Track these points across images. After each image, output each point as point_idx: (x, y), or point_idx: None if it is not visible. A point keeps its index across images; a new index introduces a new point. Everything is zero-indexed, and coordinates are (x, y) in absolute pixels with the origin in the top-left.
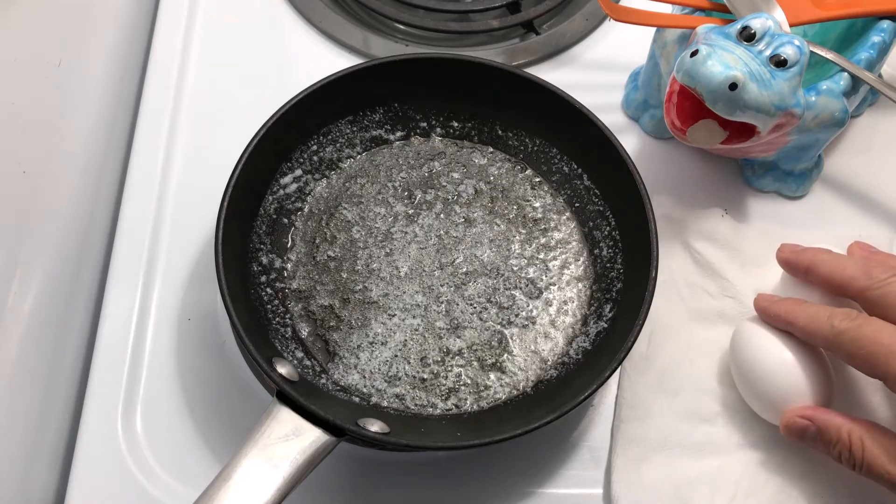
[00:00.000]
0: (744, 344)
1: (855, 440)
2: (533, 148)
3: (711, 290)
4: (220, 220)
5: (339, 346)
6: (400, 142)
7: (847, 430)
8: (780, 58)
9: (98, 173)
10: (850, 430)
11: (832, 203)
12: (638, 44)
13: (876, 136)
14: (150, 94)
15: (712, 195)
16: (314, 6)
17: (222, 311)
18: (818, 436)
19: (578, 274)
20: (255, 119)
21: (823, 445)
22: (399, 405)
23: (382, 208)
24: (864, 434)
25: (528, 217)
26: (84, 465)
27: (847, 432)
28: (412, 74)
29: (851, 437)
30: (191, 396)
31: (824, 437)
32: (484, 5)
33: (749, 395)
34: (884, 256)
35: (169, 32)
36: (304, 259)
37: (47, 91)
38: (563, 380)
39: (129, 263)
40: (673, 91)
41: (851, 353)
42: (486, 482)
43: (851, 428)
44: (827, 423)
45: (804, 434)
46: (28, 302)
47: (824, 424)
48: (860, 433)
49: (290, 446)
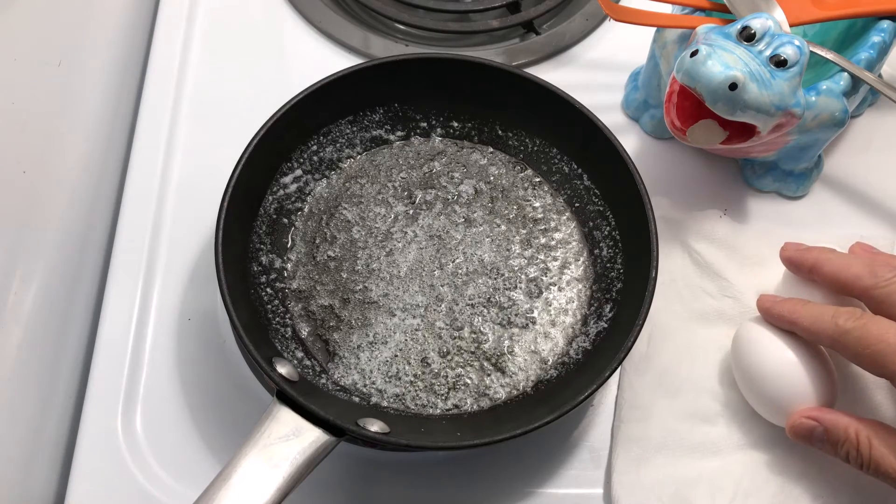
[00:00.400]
0: (746, 345)
1: (862, 439)
2: (533, 148)
3: (711, 290)
4: (220, 220)
5: (339, 346)
6: (400, 142)
7: (854, 430)
8: (780, 58)
9: (98, 173)
10: (858, 430)
11: (832, 203)
12: (638, 44)
13: (876, 136)
14: (150, 94)
15: (712, 195)
16: (314, 6)
17: (222, 311)
18: (825, 436)
19: (578, 274)
20: (255, 119)
21: (831, 446)
22: (399, 405)
23: (382, 208)
24: (871, 433)
25: (528, 217)
26: (84, 465)
27: (854, 432)
28: (412, 74)
29: (859, 436)
30: (191, 396)
31: (832, 438)
32: (484, 5)
33: (751, 397)
34: (887, 257)
35: (169, 32)
36: (304, 259)
37: (47, 91)
38: (563, 380)
39: (129, 263)
40: (673, 91)
41: (857, 352)
42: (486, 482)
43: (858, 427)
44: (834, 423)
45: (811, 435)
46: (28, 302)
47: (831, 424)
48: (867, 432)
49: (290, 446)
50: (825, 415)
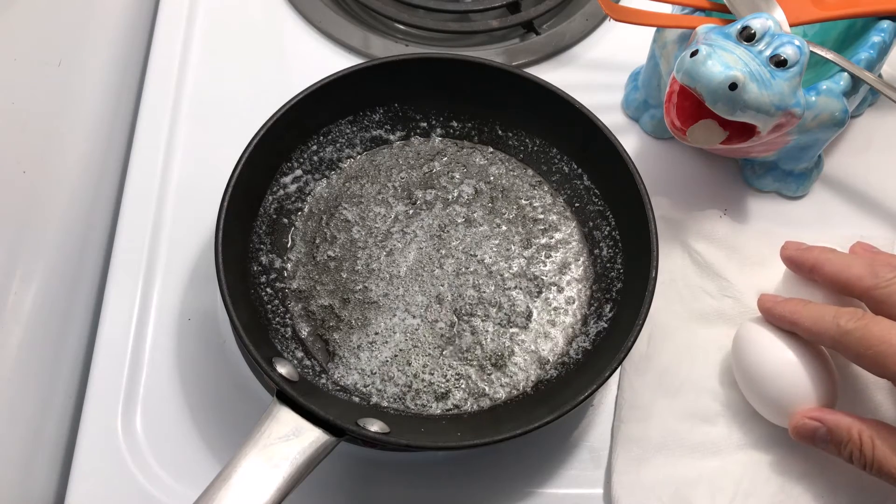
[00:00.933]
0: (746, 345)
1: (865, 440)
2: (533, 148)
3: (711, 290)
4: (220, 220)
5: (339, 346)
6: (400, 142)
7: (857, 430)
8: (780, 58)
9: (98, 173)
10: (861, 430)
11: (832, 203)
12: (638, 44)
13: (876, 136)
14: (150, 94)
15: (712, 195)
16: (314, 6)
17: (222, 311)
18: (828, 437)
19: (578, 274)
20: (255, 119)
21: (834, 446)
22: (399, 405)
23: (382, 208)
24: (873, 433)
25: (528, 217)
26: (84, 465)
27: (857, 432)
28: (412, 74)
29: (862, 436)
30: (191, 396)
31: (835, 438)
32: (484, 5)
33: (752, 397)
34: (888, 256)
35: (169, 32)
36: (304, 259)
37: (47, 91)
38: (563, 380)
39: (129, 263)
40: (673, 91)
41: (859, 352)
42: (486, 482)
43: (861, 428)
44: (837, 423)
45: (815, 436)
46: (28, 302)
47: (834, 425)
48: (870, 433)
49: (289, 446)
50: (828, 415)
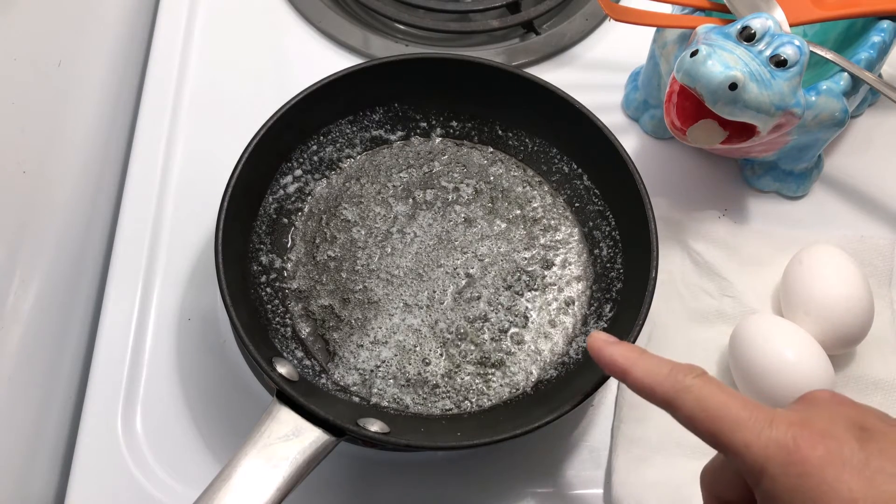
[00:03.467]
0: (744, 343)
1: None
2: (533, 148)
3: (711, 289)
4: (220, 220)
5: (339, 346)
6: (400, 142)
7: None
8: (780, 58)
9: (98, 173)
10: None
11: (832, 203)
12: (638, 44)
13: (876, 136)
14: (150, 94)
15: (712, 195)
16: (314, 6)
17: (222, 311)
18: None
19: (578, 274)
20: (255, 119)
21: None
22: (399, 405)
23: (382, 208)
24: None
25: (528, 217)
26: (84, 465)
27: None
28: (412, 74)
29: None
30: (191, 396)
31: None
32: (484, 5)
33: (749, 394)
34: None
35: (169, 32)
36: (304, 259)
37: (47, 91)
38: (563, 380)
39: (129, 263)
40: (673, 91)
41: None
42: (486, 482)
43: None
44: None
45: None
46: (28, 302)
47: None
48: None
49: (289, 446)
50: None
